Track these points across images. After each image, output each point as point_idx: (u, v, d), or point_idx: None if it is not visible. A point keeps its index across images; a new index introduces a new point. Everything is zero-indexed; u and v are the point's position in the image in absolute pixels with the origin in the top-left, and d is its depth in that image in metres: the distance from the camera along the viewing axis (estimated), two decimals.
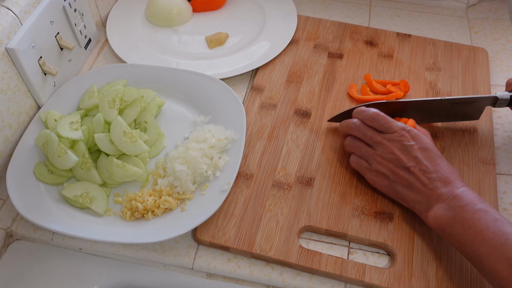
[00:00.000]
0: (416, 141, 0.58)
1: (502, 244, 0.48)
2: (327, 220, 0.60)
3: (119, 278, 0.58)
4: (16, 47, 0.61)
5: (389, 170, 0.58)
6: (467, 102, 0.66)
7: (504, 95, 0.65)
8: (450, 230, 0.52)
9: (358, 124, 0.62)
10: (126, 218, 0.59)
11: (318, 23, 0.86)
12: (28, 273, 0.58)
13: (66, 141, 0.62)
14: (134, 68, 0.74)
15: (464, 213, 0.52)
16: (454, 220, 0.52)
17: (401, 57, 0.81)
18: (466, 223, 0.51)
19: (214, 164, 0.62)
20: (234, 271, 0.57)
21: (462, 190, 0.54)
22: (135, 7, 0.88)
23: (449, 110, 0.67)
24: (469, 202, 0.52)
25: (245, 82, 0.78)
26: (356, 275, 0.56)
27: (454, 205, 0.53)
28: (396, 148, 0.58)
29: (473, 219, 0.51)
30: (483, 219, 0.50)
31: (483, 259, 0.49)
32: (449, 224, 0.52)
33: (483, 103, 0.66)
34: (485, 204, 0.52)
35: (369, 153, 0.60)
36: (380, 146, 0.59)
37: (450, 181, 0.55)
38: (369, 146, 0.61)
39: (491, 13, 0.90)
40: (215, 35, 0.82)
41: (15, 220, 0.62)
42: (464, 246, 0.51)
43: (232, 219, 0.60)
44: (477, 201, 0.52)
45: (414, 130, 0.59)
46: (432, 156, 0.57)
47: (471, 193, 0.54)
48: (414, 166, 0.56)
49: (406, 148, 0.57)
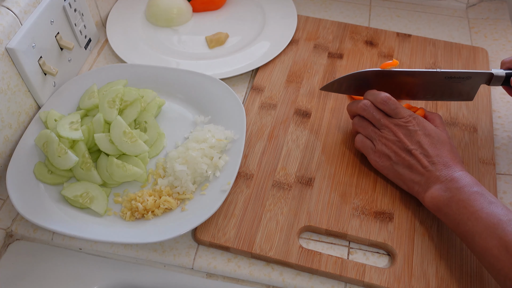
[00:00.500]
0: (420, 127, 0.60)
1: (495, 224, 0.50)
2: (327, 220, 0.60)
3: (119, 278, 0.58)
4: (16, 47, 0.61)
5: (392, 151, 0.60)
6: (462, 77, 0.65)
7: (500, 72, 0.64)
8: (446, 210, 0.54)
9: (368, 106, 0.63)
10: (126, 218, 0.59)
11: (318, 23, 0.86)
12: (28, 273, 0.58)
13: (66, 141, 0.62)
14: (134, 68, 0.74)
15: (461, 194, 0.54)
16: (450, 201, 0.54)
17: (401, 57, 0.81)
18: (462, 204, 0.53)
19: (214, 164, 0.62)
20: (234, 271, 0.58)
21: (460, 174, 0.56)
22: (135, 7, 0.88)
23: (443, 86, 0.67)
24: (466, 184, 0.54)
25: (245, 82, 0.78)
26: (356, 275, 0.56)
27: (451, 187, 0.55)
28: (401, 132, 0.60)
29: (469, 200, 0.53)
30: (478, 201, 0.52)
31: (475, 237, 0.51)
32: (446, 204, 0.54)
33: (478, 79, 0.65)
34: (481, 187, 0.54)
35: (375, 133, 0.62)
36: (386, 129, 0.61)
37: (450, 165, 0.57)
38: (375, 128, 0.63)
39: (491, 13, 0.90)
40: (215, 35, 0.82)
41: (15, 220, 0.62)
42: (458, 225, 0.53)
43: (232, 219, 0.60)
44: (474, 184, 0.54)
45: (420, 118, 0.61)
46: (434, 142, 0.59)
47: (469, 176, 0.56)
48: (415, 149, 0.59)
49: (410, 133, 0.60)
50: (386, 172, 0.62)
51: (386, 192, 0.63)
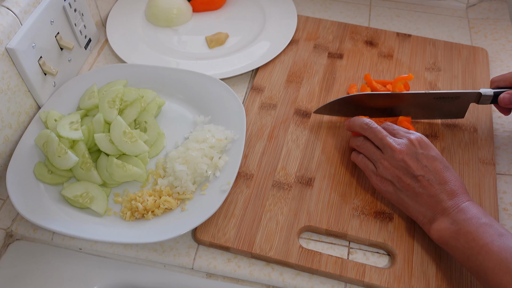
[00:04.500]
0: (424, 149, 0.57)
1: (508, 258, 0.47)
2: (327, 220, 0.60)
3: (119, 278, 0.58)
4: (16, 47, 0.61)
5: (396, 177, 0.57)
6: (451, 97, 0.66)
7: (488, 91, 0.65)
8: (453, 243, 0.52)
9: (370, 123, 0.62)
10: (126, 218, 0.59)
11: (318, 23, 0.86)
12: (28, 273, 0.58)
13: (66, 141, 0.62)
14: (134, 68, 0.74)
15: (469, 226, 0.51)
16: (458, 233, 0.52)
17: (401, 57, 0.81)
18: (471, 236, 0.51)
19: (214, 164, 0.62)
20: (234, 271, 0.58)
21: (467, 204, 0.54)
22: (135, 7, 0.88)
23: (434, 106, 0.67)
24: (474, 216, 0.52)
25: (245, 82, 0.78)
26: (356, 275, 0.56)
27: (459, 218, 0.52)
28: (406, 154, 0.57)
29: (478, 232, 0.50)
30: (487, 233, 0.50)
31: (488, 273, 0.48)
32: (453, 237, 0.52)
33: (467, 99, 0.66)
34: (490, 218, 0.52)
35: (377, 156, 0.59)
36: (389, 149, 0.58)
37: (457, 194, 0.55)
38: (377, 149, 0.60)
39: (491, 13, 0.90)
40: (215, 35, 0.82)
41: (15, 220, 0.62)
42: (468, 260, 0.51)
43: (232, 219, 0.60)
44: (482, 215, 0.52)
45: (424, 138, 0.59)
46: (440, 168, 0.56)
47: (476, 207, 0.54)
48: (422, 175, 0.56)
49: (416, 156, 0.57)
50: (389, 197, 0.59)
51: None
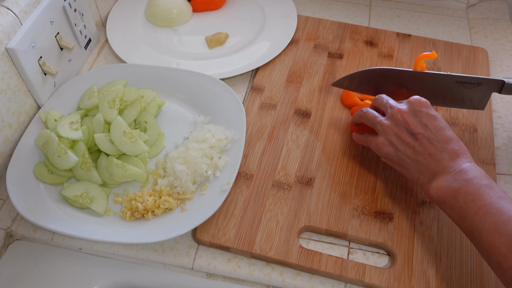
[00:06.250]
0: (424, 108, 0.57)
1: (504, 220, 0.47)
2: (327, 220, 0.60)
3: (119, 278, 0.58)
4: (16, 47, 0.61)
5: (395, 136, 0.57)
6: (474, 83, 0.64)
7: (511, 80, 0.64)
8: (452, 202, 0.52)
9: (381, 95, 0.62)
10: (126, 218, 0.59)
11: (318, 23, 0.86)
12: (28, 273, 0.58)
13: (66, 141, 0.62)
14: (134, 68, 0.74)
15: (469, 186, 0.51)
16: (457, 193, 0.51)
17: (401, 57, 0.81)
18: (470, 196, 0.50)
19: (214, 164, 0.62)
20: (234, 271, 0.58)
21: (469, 165, 0.53)
22: (135, 7, 0.88)
23: (454, 91, 0.66)
24: (475, 176, 0.52)
25: (245, 82, 0.78)
26: (356, 275, 0.56)
27: (459, 178, 0.52)
28: (405, 112, 0.57)
29: (478, 193, 0.50)
30: (487, 194, 0.50)
31: (482, 233, 0.48)
32: (452, 196, 0.52)
33: (490, 87, 0.65)
34: (491, 180, 0.52)
35: (378, 119, 0.60)
36: (389, 109, 0.59)
37: (459, 155, 0.54)
38: (379, 115, 0.60)
39: (491, 13, 0.90)
40: (215, 35, 0.82)
41: (15, 220, 0.62)
42: (465, 219, 0.50)
43: (232, 219, 0.60)
44: (483, 177, 0.52)
45: (423, 99, 0.58)
46: (441, 126, 0.56)
47: (478, 168, 0.53)
48: (422, 133, 0.55)
49: (415, 113, 0.57)
50: (389, 159, 0.59)
51: (386, 192, 0.63)
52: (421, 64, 0.66)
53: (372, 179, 0.64)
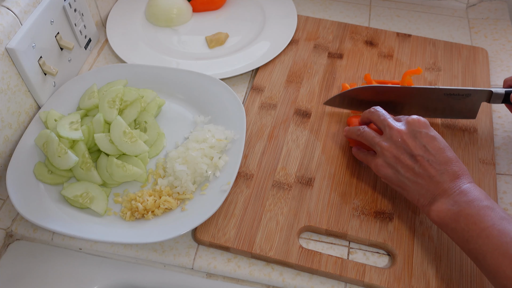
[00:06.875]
0: (423, 129, 0.56)
1: (508, 242, 0.47)
2: (327, 220, 0.60)
3: (119, 278, 0.58)
4: (16, 47, 0.61)
5: (395, 158, 0.56)
6: (462, 94, 0.66)
7: (499, 90, 0.65)
8: (453, 225, 0.51)
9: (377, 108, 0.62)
10: (126, 218, 0.59)
11: (318, 23, 0.86)
12: (28, 273, 0.58)
13: (66, 141, 0.62)
14: (134, 68, 0.74)
15: (470, 208, 0.50)
16: (458, 215, 0.51)
17: (401, 57, 0.81)
18: (471, 219, 0.50)
19: (214, 164, 0.62)
20: (234, 271, 0.58)
21: (469, 186, 0.53)
22: (135, 7, 0.88)
23: (444, 103, 0.67)
24: (475, 198, 0.51)
25: (245, 82, 0.78)
26: (356, 275, 0.56)
27: (460, 200, 0.51)
28: (404, 133, 0.56)
29: (479, 215, 0.49)
30: (489, 216, 0.49)
31: (486, 256, 0.48)
32: (453, 219, 0.51)
33: (478, 97, 0.66)
34: (491, 201, 0.51)
35: (377, 139, 0.59)
36: (388, 129, 0.58)
37: (458, 176, 0.53)
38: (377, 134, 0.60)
39: (491, 13, 0.90)
40: (215, 35, 0.82)
41: (15, 220, 0.62)
42: (467, 242, 0.50)
43: (232, 219, 0.60)
44: (484, 198, 0.51)
45: (422, 119, 0.57)
46: (440, 147, 0.55)
47: (478, 189, 0.52)
48: (421, 155, 0.55)
49: (414, 134, 0.56)
50: (389, 182, 0.58)
51: (386, 192, 0.63)
52: (407, 80, 0.67)
53: (372, 179, 0.64)
